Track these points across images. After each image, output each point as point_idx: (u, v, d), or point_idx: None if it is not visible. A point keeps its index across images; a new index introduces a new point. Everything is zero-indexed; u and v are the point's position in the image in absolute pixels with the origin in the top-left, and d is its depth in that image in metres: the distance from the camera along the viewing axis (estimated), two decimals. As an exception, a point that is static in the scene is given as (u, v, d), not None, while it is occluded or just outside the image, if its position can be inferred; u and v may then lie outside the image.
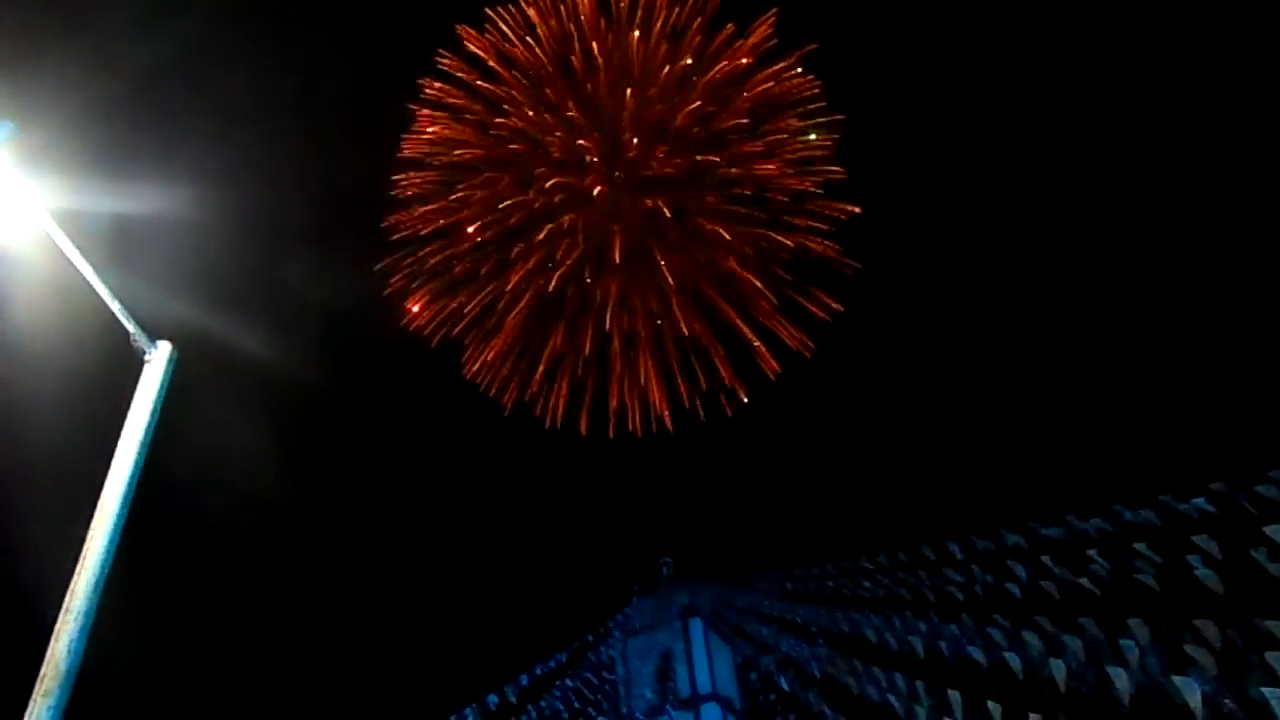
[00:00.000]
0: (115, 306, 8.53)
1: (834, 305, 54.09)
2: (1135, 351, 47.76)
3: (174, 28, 47.80)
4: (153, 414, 8.66)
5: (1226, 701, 12.84)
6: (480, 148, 54.44)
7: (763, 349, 55.31)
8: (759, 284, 54.60)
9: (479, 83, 54.07)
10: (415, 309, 56.06)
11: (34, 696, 6.99)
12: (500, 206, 53.86)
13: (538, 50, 53.19)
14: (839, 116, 53.95)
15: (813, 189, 53.93)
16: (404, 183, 55.03)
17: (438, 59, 54.49)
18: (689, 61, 53.38)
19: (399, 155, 55.02)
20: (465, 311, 55.93)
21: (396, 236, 55.23)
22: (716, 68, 53.59)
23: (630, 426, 56.66)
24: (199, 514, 50.10)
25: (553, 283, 54.36)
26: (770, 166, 53.52)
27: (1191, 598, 14.63)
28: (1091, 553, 17.79)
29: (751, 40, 53.54)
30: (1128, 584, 16.28)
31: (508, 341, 56.32)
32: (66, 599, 7.42)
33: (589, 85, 52.94)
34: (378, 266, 54.92)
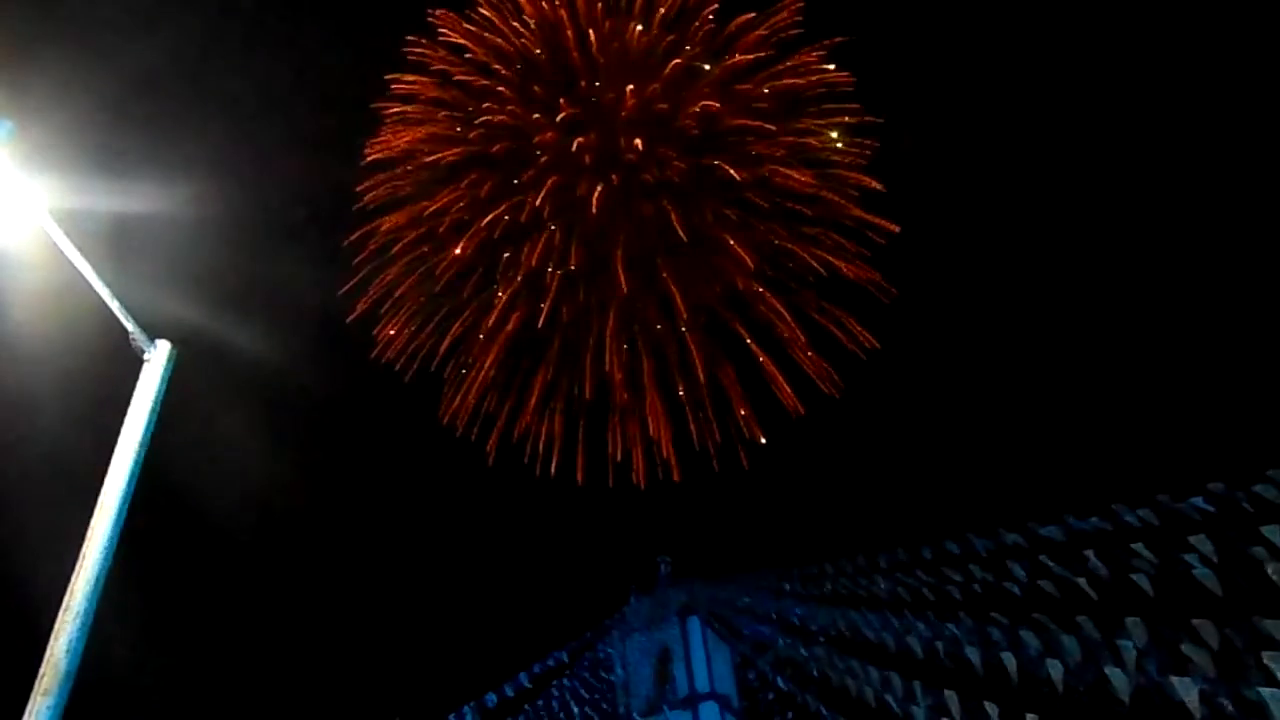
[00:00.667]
0: (114, 305, 8.53)
1: (867, 339, 47.02)
2: (1134, 352, 47.82)
3: (174, 28, 47.79)
4: (152, 413, 8.65)
5: (1224, 702, 12.87)
6: (460, 148, 47.89)
7: (788, 391, 48.04)
8: (785, 313, 47.59)
9: (460, 76, 47.87)
10: (390, 333, 49.42)
11: (33, 696, 6.98)
12: (484, 224, 46.84)
13: (526, 39, 47.10)
14: (876, 119, 46.85)
15: (843, 202, 46.86)
16: (372, 191, 48.27)
17: (410, 50, 48.16)
18: (697, 52, 46.39)
19: (365, 161, 48.44)
20: (441, 347, 49.17)
21: (360, 258, 48.48)
22: (730, 60, 46.81)
23: (634, 479, 49.43)
24: (197, 512, 50.06)
25: (543, 311, 46.90)
26: (794, 174, 46.63)
27: (1189, 597, 14.65)
28: (1089, 553, 17.82)
29: (770, 25, 46.66)
30: (1125, 584, 16.30)
31: (490, 377, 49.47)
32: (66, 598, 7.41)
33: (583, 81, 46.53)
34: (341, 291, 48.46)
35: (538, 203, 46.13)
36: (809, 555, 33.58)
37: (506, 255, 48.23)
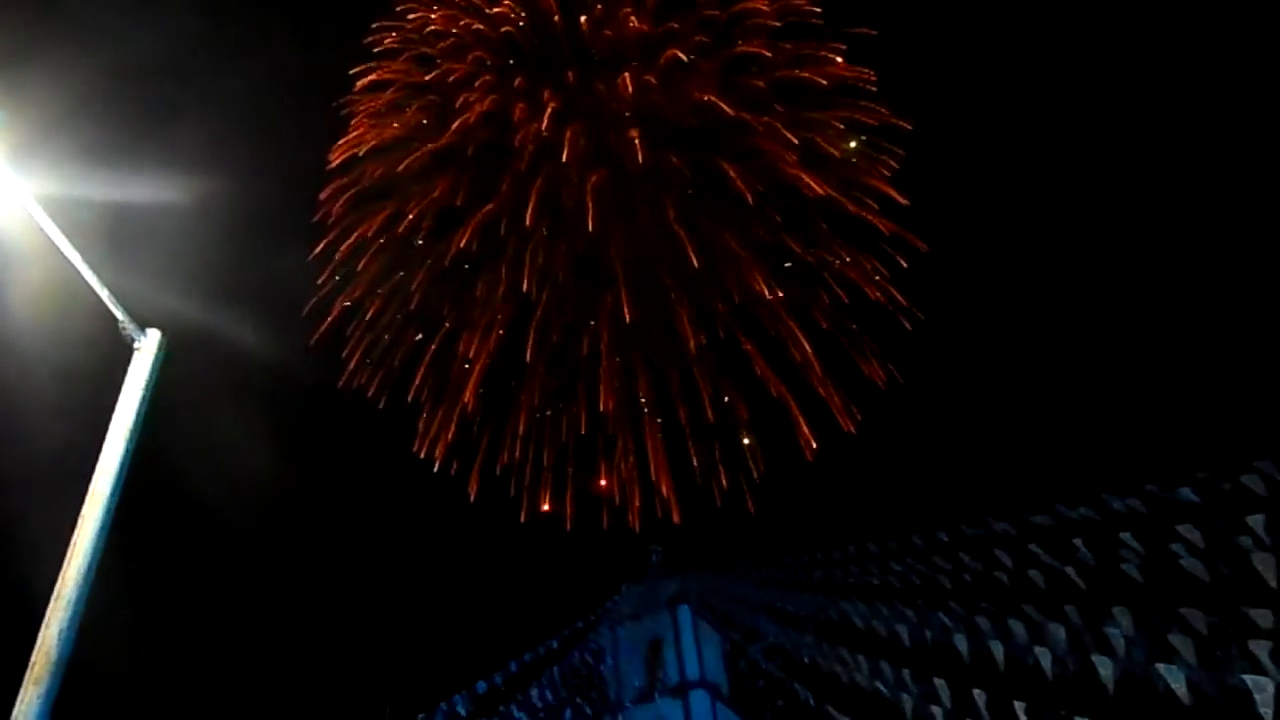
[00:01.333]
0: (104, 294, 8.53)
1: (884, 371, 42.87)
2: (1122, 342, 47.95)
3: (167, 21, 47.46)
4: (142, 402, 8.67)
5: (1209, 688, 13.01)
6: (434, 145, 42.84)
7: (804, 427, 43.48)
8: (801, 338, 42.38)
9: (435, 64, 43.10)
10: (356, 358, 44.78)
11: (24, 685, 7.00)
12: (463, 233, 41.40)
13: (509, 25, 42.74)
14: (903, 125, 42.57)
15: (865, 214, 41.87)
16: (336, 198, 43.42)
17: (380, 35, 43.75)
18: (697, 40, 41.66)
19: (329, 166, 43.85)
20: (416, 377, 44.03)
21: (323, 278, 44.13)
22: (734, 48, 42.24)
23: (629, 521, 45.88)
24: (188, 503, 49.98)
25: (529, 340, 41.92)
26: (807, 179, 41.32)
27: (1176, 586, 14.77)
28: (1078, 541, 17.96)
29: (777, 11, 42.24)
30: (1113, 572, 16.43)
31: (468, 409, 44.12)
32: (57, 587, 7.43)
33: (571, 71, 41.83)
34: (305, 310, 44.19)
35: (527, 215, 41.48)
36: (799, 544, 33.65)
37: (486, 267, 43.55)
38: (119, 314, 8.67)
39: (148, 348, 8.85)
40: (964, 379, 52.49)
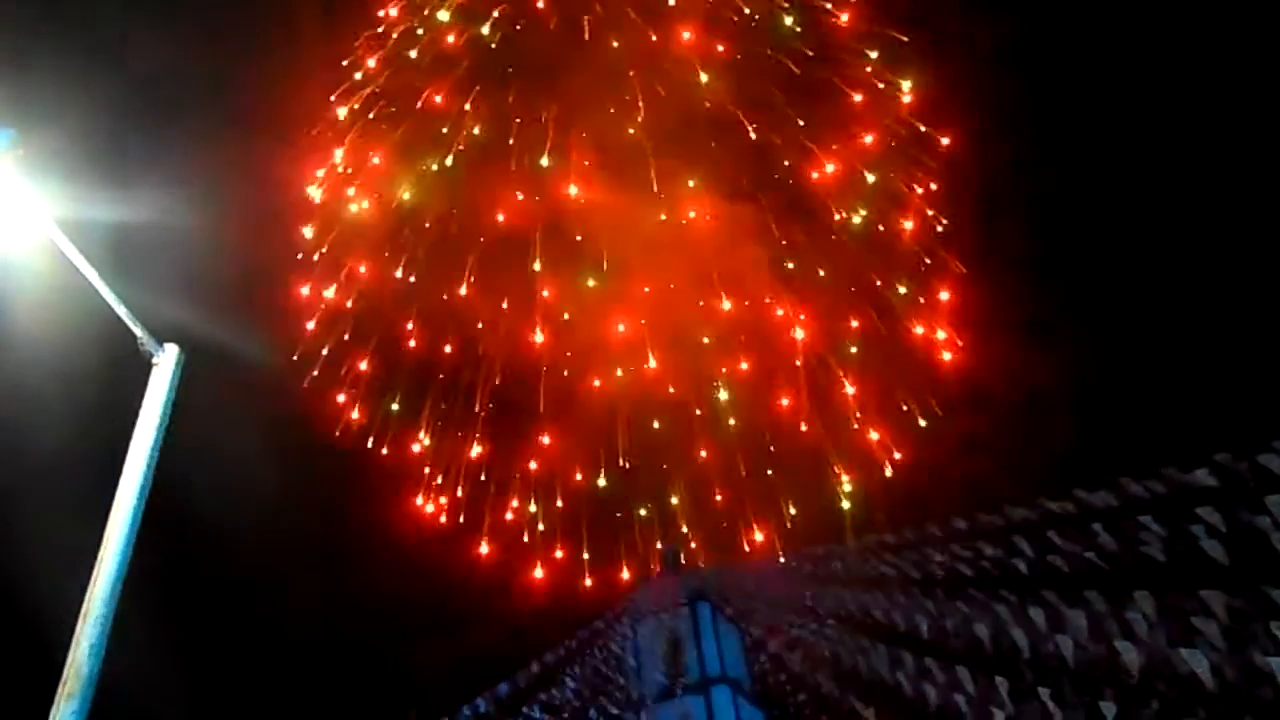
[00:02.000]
0: (122, 311, 8.60)
1: (923, 404, 39.89)
2: (1138, 323, 47.67)
3: (178, 33, 47.47)
4: (162, 416, 8.74)
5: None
6: (422, 170, 38.80)
7: (840, 471, 40.27)
8: (839, 374, 38.98)
9: (431, 80, 39.20)
10: (351, 415, 41.67)
11: (57, 700, 7.08)
12: (459, 285, 37.27)
13: (507, 30, 38.87)
14: (940, 139, 40.54)
15: (898, 235, 38.71)
16: (321, 233, 39.76)
17: (364, 49, 40.40)
18: (709, 47, 37.52)
19: (316, 200, 40.66)
20: (419, 433, 40.55)
21: (315, 322, 41.07)
22: (755, 53, 38.42)
23: (650, 572, 42.91)
24: (201, 516, 50.03)
25: (540, 384, 38.94)
26: (836, 199, 37.57)
27: (1198, 569, 14.72)
28: (1097, 527, 17.89)
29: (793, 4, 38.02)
30: (1134, 556, 16.37)
31: (474, 457, 40.53)
32: (85, 602, 7.51)
33: (573, 83, 37.35)
34: (295, 356, 41.40)
35: (532, 242, 37.24)
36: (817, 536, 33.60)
37: (487, 302, 39.62)
38: (137, 330, 8.74)
39: (166, 363, 8.92)
40: (983, 364, 52.26)
